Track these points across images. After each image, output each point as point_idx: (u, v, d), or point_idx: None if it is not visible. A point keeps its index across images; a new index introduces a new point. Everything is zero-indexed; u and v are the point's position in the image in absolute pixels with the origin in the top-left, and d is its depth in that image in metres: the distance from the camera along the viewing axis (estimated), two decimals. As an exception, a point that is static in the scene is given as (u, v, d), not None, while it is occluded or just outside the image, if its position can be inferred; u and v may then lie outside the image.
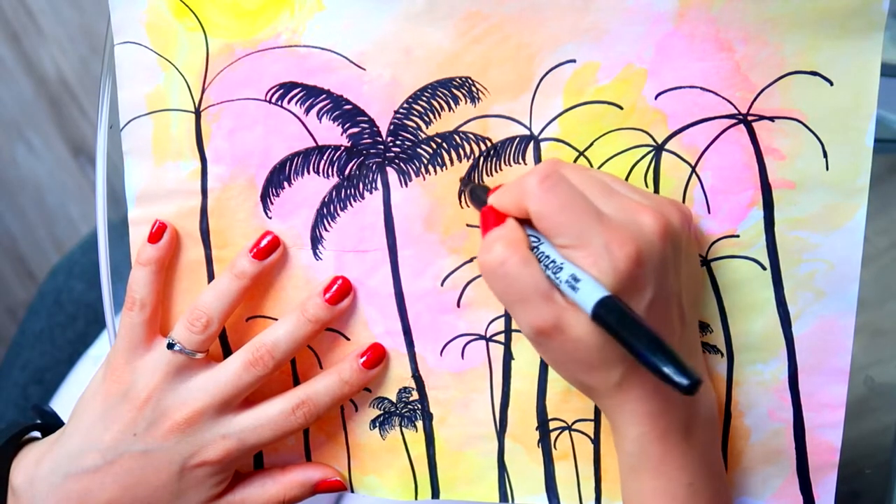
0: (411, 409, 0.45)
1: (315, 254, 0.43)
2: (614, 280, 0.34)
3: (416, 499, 0.46)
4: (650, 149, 0.40)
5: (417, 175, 0.42)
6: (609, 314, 0.33)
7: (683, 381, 0.30)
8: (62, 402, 0.65)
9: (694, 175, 0.40)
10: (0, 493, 0.42)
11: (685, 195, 0.41)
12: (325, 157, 0.42)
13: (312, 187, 0.43)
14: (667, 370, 0.31)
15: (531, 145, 0.41)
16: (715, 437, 0.39)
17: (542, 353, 0.37)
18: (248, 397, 0.43)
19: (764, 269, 0.41)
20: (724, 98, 0.39)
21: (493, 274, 0.36)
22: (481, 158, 0.41)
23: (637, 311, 0.34)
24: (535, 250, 0.36)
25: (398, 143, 0.42)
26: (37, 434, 0.46)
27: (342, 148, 0.42)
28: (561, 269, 0.34)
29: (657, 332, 0.32)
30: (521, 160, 0.41)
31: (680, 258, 0.37)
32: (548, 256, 0.35)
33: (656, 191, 0.41)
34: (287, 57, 0.41)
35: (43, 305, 0.71)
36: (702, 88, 0.40)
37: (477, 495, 0.45)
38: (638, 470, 0.37)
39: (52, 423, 0.45)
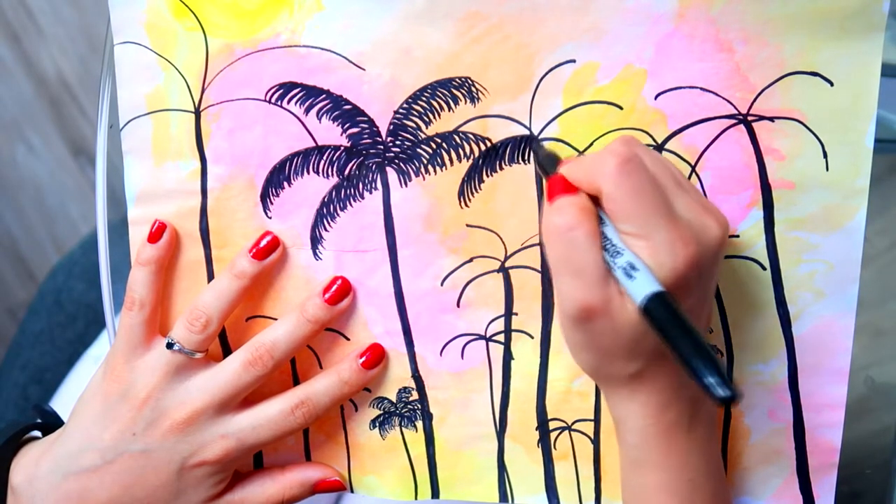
0: (411, 409, 0.45)
1: (315, 254, 0.43)
2: (670, 278, 0.33)
3: (415, 499, 0.46)
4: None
5: (417, 175, 0.42)
6: (661, 310, 0.32)
7: (723, 392, 0.30)
8: (62, 402, 0.65)
9: (694, 175, 0.40)
10: (0, 492, 0.42)
11: (685, 195, 0.41)
12: (324, 157, 0.42)
13: (312, 187, 0.43)
14: (709, 379, 0.31)
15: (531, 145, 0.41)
16: (715, 434, 0.39)
17: (573, 332, 0.36)
18: (248, 397, 0.43)
19: (764, 269, 0.41)
20: (723, 98, 0.39)
21: (558, 237, 0.35)
22: (481, 158, 0.41)
23: None
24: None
25: (398, 143, 0.42)
26: (37, 433, 0.46)
27: (342, 148, 0.42)
28: (620, 254, 0.34)
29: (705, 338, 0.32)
30: (520, 160, 0.41)
31: (719, 270, 0.37)
32: (608, 239, 0.34)
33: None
34: (286, 57, 0.41)
35: (43, 305, 0.71)
36: (702, 89, 0.40)
37: (477, 495, 0.45)
38: (640, 463, 0.37)
39: (52, 423, 0.45)
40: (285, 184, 0.43)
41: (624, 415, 0.37)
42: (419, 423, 0.45)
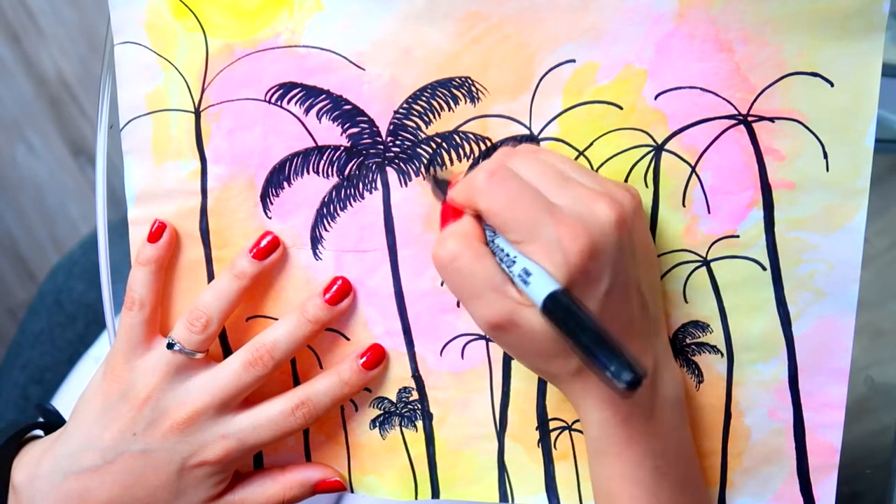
0: (411, 409, 0.45)
1: (315, 254, 0.43)
2: (566, 274, 0.33)
3: (415, 499, 0.46)
4: (650, 149, 0.40)
5: (417, 175, 0.42)
6: (556, 309, 0.33)
7: (626, 376, 0.30)
8: (63, 403, 0.65)
9: (694, 175, 0.40)
10: (1, 491, 0.42)
11: (685, 195, 0.41)
12: (324, 158, 0.42)
13: (312, 187, 0.43)
14: (610, 370, 0.31)
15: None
16: (682, 417, 0.39)
17: (500, 345, 0.37)
18: (248, 397, 0.43)
19: (764, 269, 0.41)
20: (723, 98, 0.39)
21: (445, 269, 0.36)
22: (481, 158, 0.41)
23: (593, 303, 0.34)
24: (491, 244, 0.36)
25: (398, 143, 0.42)
26: (39, 433, 0.46)
27: (342, 148, 0.42)
28: (514, 262, 0.34)
29: (607, 324, 0.32)
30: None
31: (635, 244, 0.36)
32: (502, 250, 0.35)
33: (656, 191, 0.41)
34: (286, 57, 0.41)
35: (43, 305, 0.71)
36: (702, 89, 0.40)
37: (477, 495, 0.45)
38: (603, 454, 0.38)
39: (55, 422, 0.45)
40: (285, 184, 0.43)
41: (582, 409, 0.38)
42: (419, 423, 0.45)
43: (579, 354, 0.32)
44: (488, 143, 0.41)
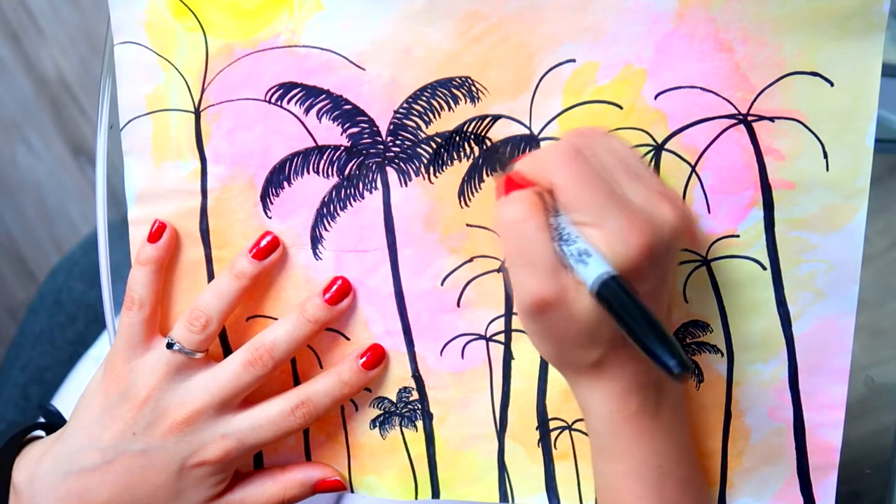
0: (411, 409, 0.45)
1: (315, 254, 0.43)
2: (623, 263, 0.34)
3: (415, 499, 0.46)
4: (650, 148, 0.40)
5: (417, 175, 0.42)
6: (613, 293, 0.33)
7: (677, 367, 0.32)
8: (63, 403, 0.65)
9: (694, 175, 0.40)
10: (2, 491, 0.42)
11: (685, 195, 0.41)
12: (324, 157, 0.42)
13: (312, 187, 0.43)
14: (662, 356, 0.32)
15: (531, 145, 0.41)
16: (683, 421, 0.39)
17: (531, 324, 0.37)
18: (248, 397, 0.43)
19: (764, 269, 0.41)
20: (723, 98, 0.39)
21: (508, 230, 0.35)
22: (481, 158, 0.41)
23: None
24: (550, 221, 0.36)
25: (398, 142, 0.42)
26: (40, 433, 0.46)
27: (342, 148, 0.42)
28: (573, 242, 0.34)
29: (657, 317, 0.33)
30: (520, 160, 0.41)
31: (678, 256, 0.37)
32: (562, 228, 0.35)
33: (656, 191, 0.41)
34: (286, 57, 0.41)
35: (43, 305, 0.71)
36: (702, 88, 0.40)
37: (477, 495, 0.45)
38: (608, 451, 0.38)
39: (56, 423, 0.45)
40: (285, 184, 0.43)
41: (589, 403, 0.38)
42: (419, 423, 0.45)
43: (632, 339, 0.33)
44: (488, 143, 0.41)
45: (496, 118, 0.41)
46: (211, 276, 0.44)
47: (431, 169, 0.42)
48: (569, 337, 0.36)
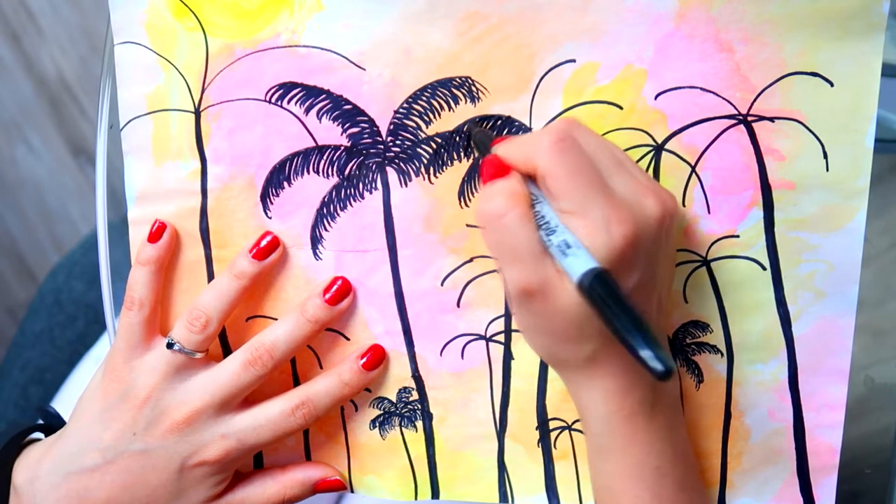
0: (411, 409, 0.45)
1: (315, 254, 0.43)
2: (607, 255, 0.33)
3: (415, 499, 0.46)
4: (650, 148, 0.40)
5: (417, 175, 0.42)
6: (596, 287, 0.32)
7: (659, 367, 0.30)
8: (63, 403, 0.65)
9: (694, 175, 0.40)
10: (2, 492, 0.42)
11: (685, 195, 0.41)
12: (324, 157, 0.42)
13: (312, 187, 0.43)
14: (644, 354, 0.31)
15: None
16: (679, 421, 0.39)
17: (520, 316, 0.36)
18: (248, 397, 0.43)
19: (764, 269, 0.41)
20: (723, 98, 0.39)
21: (489, 225, 0.35)
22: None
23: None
24: (532, 209, 0.35)
25: (398, 142, 0.42)
26: (40, 435, 0.46)
27: (342, 148, 0.42)
28: (554, 232, 0.34)
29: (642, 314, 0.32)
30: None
31: (668, 248, 0.37)
32: (543, 217, 0.35)
33: (656, 191, 0.41)
34: (287, 57, 0.41)
35: (43, 305, 0.71)
36: (702, 89, 0.40)
37: (477, 495, 0.45)
38: (606, 451, 0.38)
39: (55, 424, 0.45)
40: (285, 184, 0.43)
41: (586, 403, 0.37)
42: (419, 423, 0.45)
43: (615, 335, 0.32)
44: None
45: (496, 118, 0.41)
46: (211, 276, 0.44)
47: (431, 169, 0.42)
48: (558, 330, 0.35)
